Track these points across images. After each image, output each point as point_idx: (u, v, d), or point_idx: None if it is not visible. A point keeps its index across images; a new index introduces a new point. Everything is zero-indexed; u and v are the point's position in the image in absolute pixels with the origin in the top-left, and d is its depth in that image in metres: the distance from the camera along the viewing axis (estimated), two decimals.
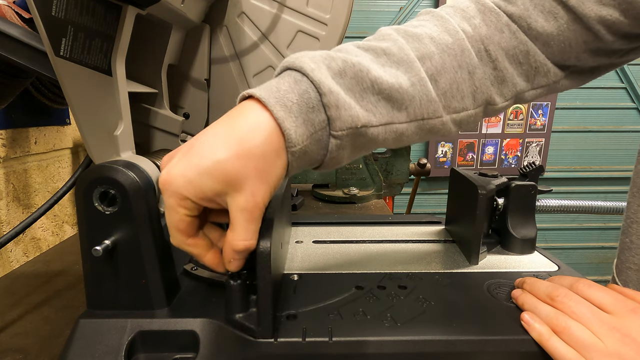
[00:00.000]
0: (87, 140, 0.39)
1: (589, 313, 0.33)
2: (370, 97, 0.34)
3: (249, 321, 0.34)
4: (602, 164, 2.23)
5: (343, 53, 0.35)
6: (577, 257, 2.36)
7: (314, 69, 0.32)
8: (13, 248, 0.69)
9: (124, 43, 0.37)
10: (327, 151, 0.33)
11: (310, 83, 0.32)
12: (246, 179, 0.30)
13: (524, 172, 0.52)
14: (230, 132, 0.31)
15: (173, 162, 0.31)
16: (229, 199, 0.30)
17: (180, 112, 0.53)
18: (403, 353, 0.34)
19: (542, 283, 0.38)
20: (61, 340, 0.44)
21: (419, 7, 2.02)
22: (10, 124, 0.69)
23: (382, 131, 0.35)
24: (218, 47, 0.52)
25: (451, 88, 0.37)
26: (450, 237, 0.58)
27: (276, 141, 0.31)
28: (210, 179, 0.29)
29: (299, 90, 0.31)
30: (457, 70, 0.38)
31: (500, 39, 0.39)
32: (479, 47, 0.39)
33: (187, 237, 0.33)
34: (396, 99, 0.35)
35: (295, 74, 0.32)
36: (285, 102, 0.31)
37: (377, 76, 0.34)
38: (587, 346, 0.31)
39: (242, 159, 0.30)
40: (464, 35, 0.38)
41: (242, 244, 0.31)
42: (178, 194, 0.30)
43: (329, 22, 0.50)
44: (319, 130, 0.32)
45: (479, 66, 0.39)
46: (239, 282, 0.34)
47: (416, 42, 0.37)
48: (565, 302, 0.34)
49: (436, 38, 0.37)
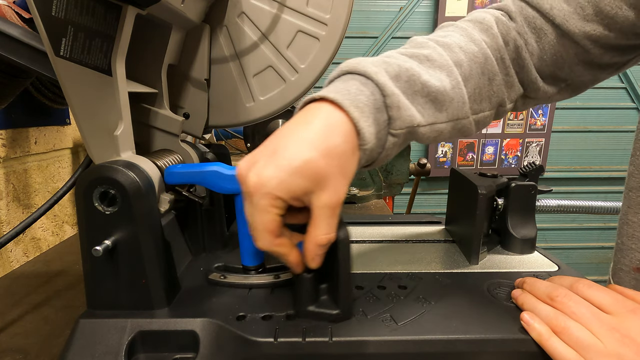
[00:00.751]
0: (87, 140, 0.39)
1: (589, 313, 0.33)
2: (419, 99, 0.37)
3: (325, 307, 0.36)
4: (602, 164, 2.23)
5: (393, 59, 0.38)
6: (577, 257, 2.36)
7: (377, 73, 0.35)
8: (13, 248, 0.69)
9: (124, 43, 0.37)
10: (384, 149, 0.37)
11: (375, 86, 0.35)
12: (331, 177, 0.32)
13: (524, 172, 0.52)
14: (311, 133, 0.32)
15: (259, 165, 0.32)
16: (313, 197, 0.32)
17: (180, 112, 0.53)
18: (403, 353, 0.34)
19: (542, 283, 0.38)
20: (61, 340, 0.44)
21: (419, 7, 2.02)
22: (10, 124, 0.69)
23: (428, 130, 0.38)
24: (218, 47, 0.52)
25: (474, 92, 0.41)
26: (450, 237, 0.58)
27: (352, 140, 0.33)
28: (301, 178, 0.31)
29: (367, 92, 0.34)
30: (480, 76, 0.42)
31: (508, 50, 0.44)
32: (496, 55, 0.43)
33: (275, 237, 0.34)
34: (440, 101, 0.38)
35: (360, 77, 0.35)
36: (357, 103, 0.33)
37: (426, 80, 0.37)
38: (586, 346, 0.31)
39: (327, 158, 0.32)
40: (486, 45, 0.42)
41: (325, 237, 0.33)
42: (271, 194, 0.31)
43: (329, 22, 0.50)
44: (382, 129, 0.35)
45: (498, 73, 0.43)
46: (312, 274, 0.36)
47: (448, 50, 0.41)
48: (564, 302, 0.34)
49: (464, 47, 0.41)
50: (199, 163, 0.49)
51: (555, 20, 0.42)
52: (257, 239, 0.34)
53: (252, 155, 0.34)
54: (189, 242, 0.51)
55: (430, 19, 2.04)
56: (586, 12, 0.41)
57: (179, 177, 0.41)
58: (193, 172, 0.40)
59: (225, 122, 0.55)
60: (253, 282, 0.43)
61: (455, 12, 2.00)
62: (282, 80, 0.53)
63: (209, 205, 0.49)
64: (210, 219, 0.51)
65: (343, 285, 0.36)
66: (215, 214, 0.51)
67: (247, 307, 0.38)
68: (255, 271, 0.44)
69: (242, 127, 1.08)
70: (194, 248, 0.51)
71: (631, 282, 0.51)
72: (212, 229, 0.52)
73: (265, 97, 0.53)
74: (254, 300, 0.40)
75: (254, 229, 0.34)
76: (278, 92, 0.53)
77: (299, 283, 0.37)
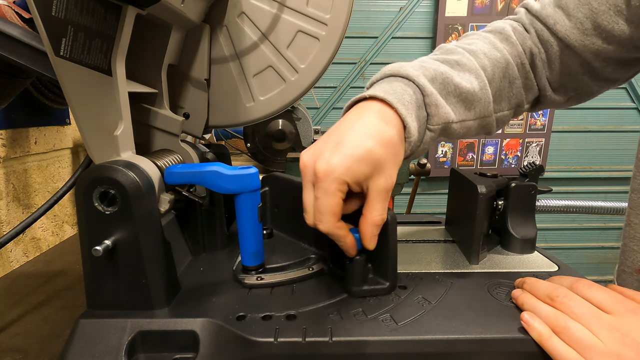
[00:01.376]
0: (87, 140, 0.39)
1: (589, 313, 0.33)
2: (452, 99, 0.43)
3: (375, 284, 0.41)
4: (602, 164, 2.23)
5: (429, 64, 0.43)
6: (577, 257, 2.36)
7: (418, 76, 0.41)
8: (13, 248, 0.69)
9: (124, 43, 0.37)
10: (422, 142, 0.42)
11: (417, 87, 0.40)
12: (387, 163, 0.37)
13: (524, 172, 0.52)
14: (369, 126, 0.38)
15: (326, 155, 0.36)
16: (371, 182, 0.37)
17: (180, 112, 0.53)
18: (403, 353, 0.34)
19: (542, 283, 0.38)
20: (61, 340, 0.44)
21: (419, 7, 2.02)
22: (10, 124, 0.69)
23: (459, 127, 0.43)
24: (218, 47, 0.52)
25: (496, 93, 0.47)
26: (450, 237, 0.58)
27: (401, 132, 0.39)
28: (364, 164, 0.36)
29: (410, 92, 0.40)
30: (502, 79, 0.47)
31: (526, 56, 0.49)
32: (517, 61, 0.49)
33: (337, 220, 0.37)
34: (469, 101, 0.44)
35: (403, 79, 0.41)
36: (403, 101, 0.39)
37: (458, 82, 0.43)
38: (586, 346, 0.31)
39: (385, 147, 0.37)
40: (507, 52, 0.48)
41: (380, 218, 0.37)
42: (339, 179, 0.35)
43: (329, 22, 0.50)
44: (422, 125, 0.41)
45: (518, 77, 0.48)
46: (363, 256, 0.40)
47: (475, 56, 0.46)
48: (565, 302, 0.34)
49: (488, 54, 0.47)
50: (199, 163, 0.49)
51: (559, 34, 0.47)
52: (322, 222, 0.37)
53: (314, 148, 0.39)
54: (189, 242, 0.51)
55: (430, 19, 2.04)
56: (585, 27, 0.46)
57: (179, 177, 0.41)
58: (193, 172, 0.40)
59: (225, 122, 0.55)
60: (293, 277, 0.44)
61: (455, 12, 2.00)
62: (282, 80, 0.53)
63: (209, 205, 0.49)
64: (210, 219, 0.51)
65: (393, 259, 0.40)
66: (215, 214, 0.51)
67: (247, 307, 0.38)
68: (255, 271, 0.44)
69: (242, 127, 1.08)
70: (194, 248, 0.51)
71: (634, 283, 0.51)
72: (212, 229, 0.52)
73: (265, 97, 0.53)
74: (254, 300, 0.40)
75: (319, 213, 0.37)
76: (278, 92, 0.53)
77: (353, 266, 0.40)
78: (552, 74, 0.50)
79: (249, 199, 0.41)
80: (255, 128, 1.13)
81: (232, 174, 0.40)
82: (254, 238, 0.43)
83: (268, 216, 0.57)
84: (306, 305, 0.39)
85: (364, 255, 0.40)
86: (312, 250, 0.49)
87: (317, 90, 2.08)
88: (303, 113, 1.13)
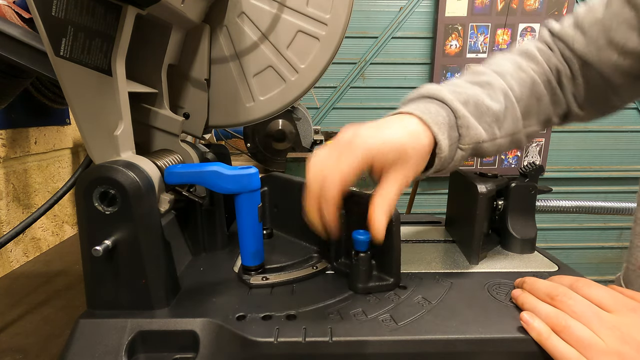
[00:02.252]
0: (87, 140, 0.39)
1: (589, 312, 0.33)
2: (486, 119, 0.46)
3: (380, 281, 0.42)
4: (602, 164, 2.23)
5: (461, 88, 0.47)
6: (577, 257, 2.36)
7: (452, 100, 0.44)
8: (13, 248, 0.69)
9: (124, 43, 0.37)
10: (453, 159, 0.44)
11: (450, 110, 0.43)
12: (411, 162, 0.40)
13: (524, 172, 0.52)
14: (405, 129, 0.41)
15: (364, 130, 0.39)
16: (391, 169, 0.39)
17: (180, 112, 0.53)
18: (403, 353, 0.34)
19: (542, 283, 0.38)
20: (61, 340, 0.44)
21: (419, 7, 2.02)
22: (10, 124, 0.69)
23: (490, 145, 0.46)
24: (218, 47, 0.52)
25: (524, 111, 0.49)
26: (450, 237, 0.58)
27: (429, 149, 0.41)
28: (394, 150, 0.38)
29: (444, 113, 0.43)
30: (530, 97, 0.50)
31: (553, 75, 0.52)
32: (543, 78, 0.51)
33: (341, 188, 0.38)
34: (500, 120, 0.47)
35: (437, 102, 0.44)
36: (437, 121, 0.42)
37: (489, 104, 0.46)
38: (587, 345, 0.31)
39: (414, 149, 0.40)
40: (533, 72, 0.51)
41: (391, 196, 0.39)
42: (369, 148, 0.38)
43: (329, 22, 0.50)
44: (453, 144, 0.43)
45: (545, 94, 0.51)
46: (368, 253, 0.41)
47: (502, 77, 0.50)
48: (565, 301, 0.34)
49: (514, 75, 0.50)
50: (199, 163, 0.49)
51: (577, 52, 0.50)
52: (330, 181, 0.38)
53: (356, 127, 0.41)
54: (189, 242, 0.51)
55: (430, 19, 2.04)
56: (600, 43, 0.49)
57: (179, 177, 0.41)
58: (193, 172, 0.40)
59: (225, 122, 0.55)
60: (298, 276, 0.44)
61: (455, 12, 1.99)
62: (282, 80, 0.53)
63: (209, 205, 0.49)
64: (210, 219, 0.51)
65: (397, 256, 0.41)
66: (215, 214, 0.51)
67: (247, 307, 0.38)
68: (255, 271, 0.44)
69: (242, 127, 1.08)
70: (194, 248, 0.51)
71: (637, 280, 0.51)
72: (212, 229, 0.52)
73: (265, 97, 0.53)
74: (254, 300, 0.40)
75: (332, 171, 0.38)
76: (278, 92, 0.53)
77: (358, 264, 0.41)
78: (576, 89, 0.52)
79: (248, 199, 0.41)
80: (255, 128, 1.13)
81: (232, 174, 0.40)
82: (254, 238, 0.43)
83: (268, 216, 0.57)
84: (306, 305, 0.39)
85: (368, 252, 0.41)
86: (314, 249, 0.49)
87: (317, 90, 2.08)
88: (303, 113, 1.13)
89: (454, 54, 2.04)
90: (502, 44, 2.03)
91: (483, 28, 2.01)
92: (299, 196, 0.40)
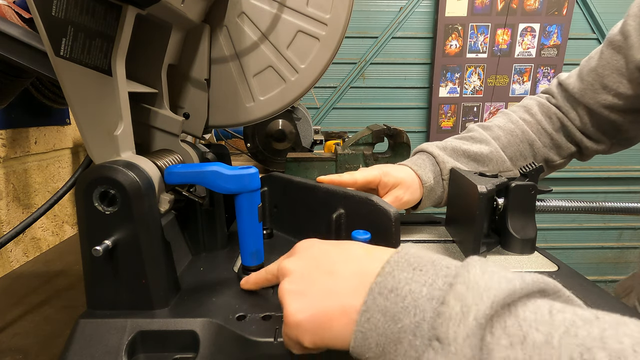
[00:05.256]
0: (87, 140, 0.39)
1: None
2: (462, 159, 0.60)
3: None
4: (602, 164, 2.23)
5: (447, 143, 0.62)
6: (577, 257, 2.36)
7: (433, 150, 0.59)
8: (13, 248, 0.69)
9: (124, 43, 0.37)
10: (444, 189, 0.59)
11: (431, 155, 0.60)
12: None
13: (524, 172, 0.52)
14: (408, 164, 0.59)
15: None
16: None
17: (180, 112, 0.53)
18: None
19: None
20: (61, 340, 0.44)
21: (419, 7, 2.02)
22: (10, 124, 0.69)
23: None
24: (218, 47, 0.52)
25: (515, 155, 0.63)
26: (450, 237, 0.58)
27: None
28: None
29: (424, 158, 0.60)
30: (520, 143, 0.63)
31: (549, 122, 0.64)
32: (533, 128, 0.64)
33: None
34: (480, 160, 0.61)
35: (424, 153, 0.61)
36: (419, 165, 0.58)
37: (466, 148, 0.60)
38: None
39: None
40: (524, 122, 0.64)
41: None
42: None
43: (329, 22, 0.50)
44: (437, 176, 0.59)
45: (536, 140, 0.63)
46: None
47: (488, 130, 0.64)
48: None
49: (502, 126, 0.64)
50: (199, 163, 0.49)
51: (576, 96, 0.61)
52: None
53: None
54: (189, 242, 0.51)
55: (430, 19, 2.04)
56: (595, 87, 0.58)
57: (179, 177, 0.41)
58: (193, 172, 0.40)
59: (225, 122, 0.55)
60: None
61: (456, 12, 2.00)
62: (282, 80, 0.53)
63: (209, 205, 0.49)
64: (210, 219, 0.51)
65: None
66: (215, 214, 0.51)
67: (247, 307, 0.38)
68: (255, 271, 0.44)
69: (242, 127, 1.08)
70: (194, 248, 0.51)
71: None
72: (212, 229, 0.52)
73: (265, 97, 0.53)
74: (254, 300, 0.40)
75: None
76: (278, 92, 0.53)
77: None
78: (585, 128, 0.62)
79: (248, 199, 0.41)
80: (255, 128, 1.13)
81: (232, 174, 0.40)
82: (254, 238, 0.43)
83: (268, 216, 0.57)
84: None
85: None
86: None
87: (317, 90, 2.08)
88: (303, 113, 1.13)
89: (454, 54, 2.04)
90: (502, 44, 2.03)
91: (483, 28, 2.01)
92: (299, 196, 0.40)
